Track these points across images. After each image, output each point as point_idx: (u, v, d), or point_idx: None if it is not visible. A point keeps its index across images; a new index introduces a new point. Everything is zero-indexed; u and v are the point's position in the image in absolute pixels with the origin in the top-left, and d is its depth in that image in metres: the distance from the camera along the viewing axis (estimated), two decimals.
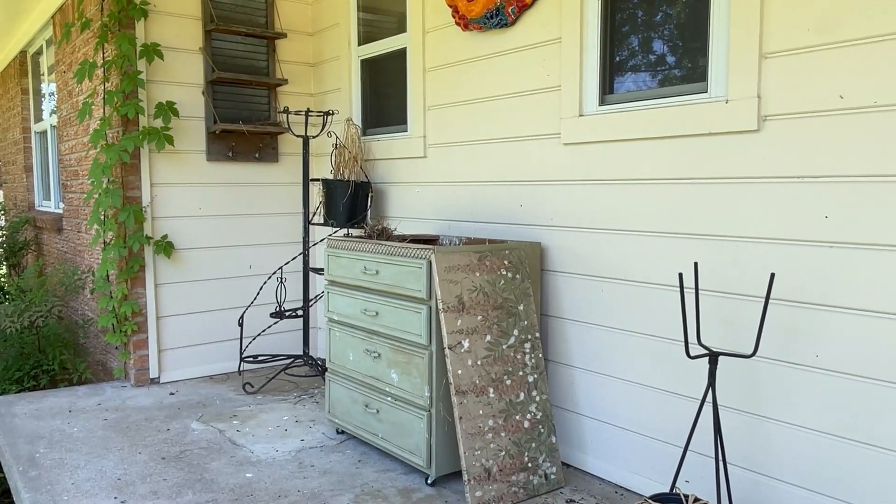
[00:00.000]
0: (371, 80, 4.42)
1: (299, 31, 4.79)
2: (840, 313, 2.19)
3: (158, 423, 3.60)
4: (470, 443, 2.66)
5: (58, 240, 6.00)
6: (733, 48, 2.39)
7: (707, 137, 2.51)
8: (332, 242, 3.35)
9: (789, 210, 2.29)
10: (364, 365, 3.17)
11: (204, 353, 4.53)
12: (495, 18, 3.25)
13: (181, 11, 4.30)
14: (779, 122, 2.30)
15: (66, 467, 3.04)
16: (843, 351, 2.19)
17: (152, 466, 3.06)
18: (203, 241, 4.49)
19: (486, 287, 2.83)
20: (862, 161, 2.11)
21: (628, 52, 2.86)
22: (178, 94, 4.31)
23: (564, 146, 3.04)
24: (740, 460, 2.48)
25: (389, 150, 4.12)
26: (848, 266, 2.16)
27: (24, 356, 4.84)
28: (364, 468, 3.06)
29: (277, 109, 4.70)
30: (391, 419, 3.02)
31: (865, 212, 2.11)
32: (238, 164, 4.59)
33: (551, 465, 2.87)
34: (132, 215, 4.06)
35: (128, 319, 4.20)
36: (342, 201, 4.00)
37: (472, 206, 3.57)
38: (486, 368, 2.76)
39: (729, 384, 2.50)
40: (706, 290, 2.55)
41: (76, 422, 3.62)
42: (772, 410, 2.38)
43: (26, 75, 7.35)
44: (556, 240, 3.11)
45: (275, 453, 3.22)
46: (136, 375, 4.27)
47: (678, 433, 2.68)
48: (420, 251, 2.81)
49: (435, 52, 3.74)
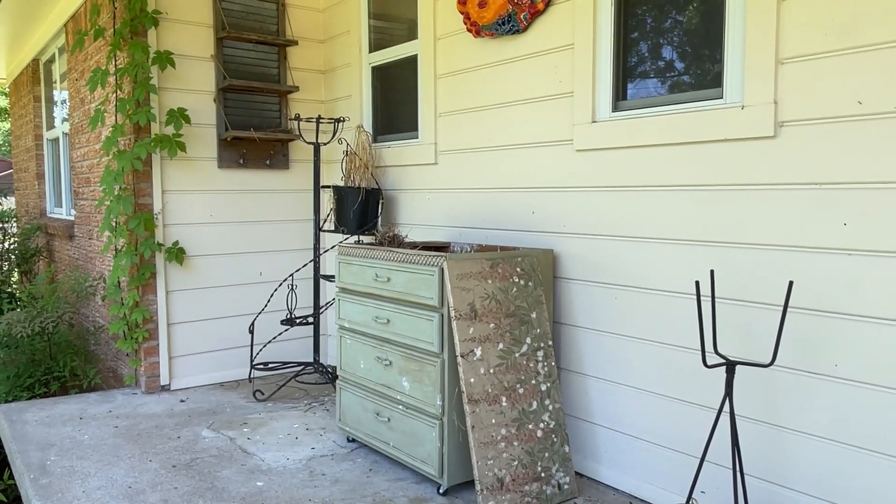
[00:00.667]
0: (382, 87, 4.41)
1: (310, 38, 4.79)
2: (860, 322, 2.16)
3: (169, 431, 3.60)
4: (482, 452, 2.63)
5: (69, 246, 6.02)
6: (749, 53, 2.37)
7: (722, 144, 2.49)
8: (343, 249, 3.34)
9: (807, 217, 2.26)
10: (375, 372, 3.15)
11: (214, 360, 4.53)
12: (507, 25, 3.24)
13: (193, 19, 4.31)
14: (796, 128, 2.27)
15: (77, 475, 3.04)
16: (863, 360, 2.15)
17: (163, 474, 3.05)
18: (214, 248, 4.49)
19: (498, 294, 2.81)
20: (882, 168, 2.08)
21: (641, 58, 2.84)
22: (190, 101, 4.32)
23: (577, 153, 3.02)
24: (757, 471, 2.45)
25: (400, 157, 4.11)
26: (867, 274, 2.13)
27: (36, 363, 4.85)
28: (375, 477, 3.04)
29: (288, 116, 4.71)
30: (403, 428, 3.00)
31: (885, 219, 2.08)
32: (249, 170, 4.60)
33: (564, 475, 2.84)
34: (143, 222, 4.06)
35: (139, 326, 4.20)
36: (353, 208, 4.00)
37: (483, 212, 3.55)
38: (498, 377, 2.73)
39: (746, 393, 2.47)
40: (722, 298, 2.52)
41: (87, 429, 3.61)
42: (790, 420, 2.34)
43: (39, 83, 7.42)
44: (568, 247, 3.09)
45: (285, 461, 3.21)
46: (147, 382, 4.26)
47: (693, 443, 2.65)
48: (432, 258, 2.80)
49: (446, 59, 3.73)
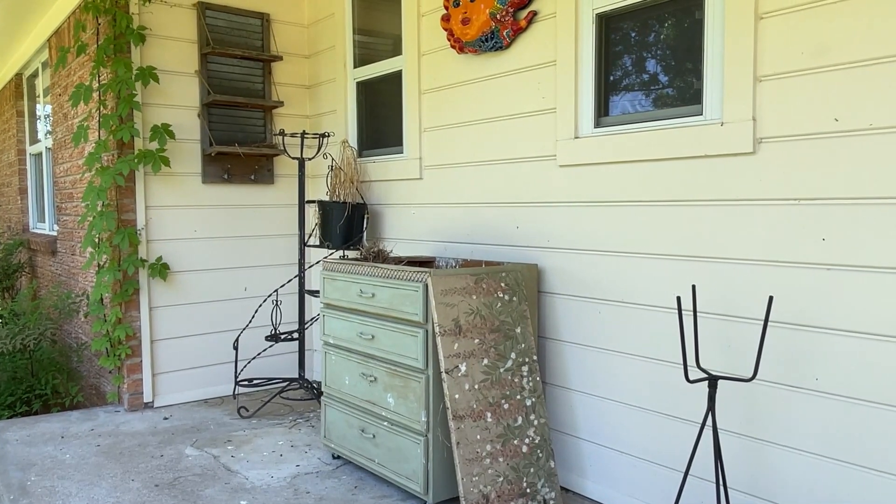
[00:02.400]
0: (367, 102, 4.42)
1: (295, 53, 4.80)
2: (839, 336, 2.18)
3: (152, 449, 3.56)
4: (468, 469, 2.62)
5: (52, 262, 5.96)
6: (728, 71, 2.40)
7: (703, 160, 2.52)
8: (328, 265, 3.33)
9: (786, 232, 2.29)
10: (360, 389, 3.14)
11: (198, 376, 4.49)
12: (490, 42, 3.27)
13: (177, 35, 4.31)
14: (774, 144, 2.30)
15: (58, 495, 2.99)
16: (843, 374, 2.17)
17: (145, 494, 3.01)
18: (198, 263, 4.46)
19: (482, 310, 2.81)
20: (858, 183, 2.11)
21: (623, 75, 2.87)
22: (174, 116, 4.31)
23: (560, 168, 3.04)
24: (741, 484, 2.46)
25: (385, 172, 4.12)
26: (846, 288, 2.15)
27: (17, 380, 4.79)
28: (360, 494, 3.02)
29: (273, 131, 4.71)
30: (388, 444, 2.98)
31: (863, 234, 2.11)
32: (234, 186, 4.59)
33: (550, 491, 2.84)
34: (126, 238, 4.04)
35: (122, 343, 4.16)
36: (338, 223, 3.99)
37: (468, 227, 3.56)
38: (483, 392, 2.73)
39: (729, 408, 2.48)
40: (704, 313, 2.54)
41: (68, 448, 3.57)
42: (772, 434, 2.36)
43: (22, 97, 7.39)
44: (552, 261, 3.10)
45: (270, 479, 3.18)
46: (130, 400, 4.22)
47: (678, 457, 2.66)
48: (416, 274, 2.80)
49: (430, 75, 3.75)
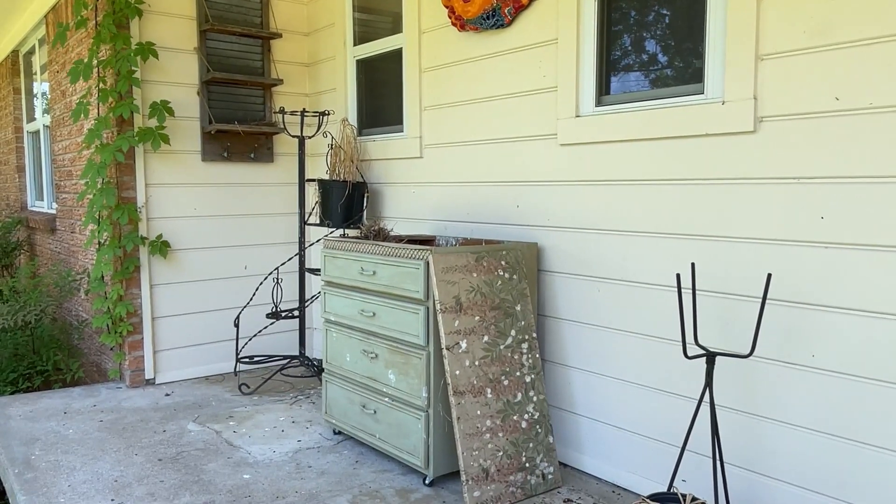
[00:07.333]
0: (367, 80, 4.41)
1: (294, 31, 4.78)
2: (836, 313, 2.21)
3: (154, 425, 3.59)
4: (468, 443, 2.66)
5: (51, 240, 5.97)
6: (730, 50, 2.40)
7: (704, 138, 2.53)
8: (329, 243, 3.35)
9: (786, 211, 2.31)
10: (361, 366, 3.17)
11: (200, 354, 4.52)
12: (492, 19, 3.25)
13: (176, 11, 4.28)
14: (775, 123, 2.31)
15: (63, 469, 3.03)
16: (839, 351, 2.20)
17: (149, 468, 3.05)
18: (198, 241, 4.48)
19: (483, 288, 2.84)
20: (857, 162, 2.13)
21: (624, 54, 2.87)
22: (173, 93, 4.30)
23: (561, 147, 3.05)
24: (737, 459, 2.50)
25: (385, 151, 4.12)
26: (844, 266, 2.18)
27: (18, 357, 4.82)
28: (361, 469, 3.07)
29: (273, 109, 4.70)
30: (389, 420, 3.02)
31: (861, 213, 2.13)
32: (233, 164, 4.58)
33: (549, 465, 2.88)
34: (126, 215, 4.04)
35: (123, 320, 4.18)
36: (338, 202, 4.00)
37: (468, 206, 3.57)
38: (483, 369, 2.76)
39: (726, 384, 2.51)
40: (703, 291, 2.56)
41: (71, 423, 3.60)
42: (768, 410, 2.40)
43: (18, 75, 7.33)
44: (552, 240, 3.12)
45: (272, 454, 3.22)
46: (132, 377, 4.25)
47: (675, 433, 2.70)
48: (417, 252, 2.81)
49: (431, 53, 3.74)
